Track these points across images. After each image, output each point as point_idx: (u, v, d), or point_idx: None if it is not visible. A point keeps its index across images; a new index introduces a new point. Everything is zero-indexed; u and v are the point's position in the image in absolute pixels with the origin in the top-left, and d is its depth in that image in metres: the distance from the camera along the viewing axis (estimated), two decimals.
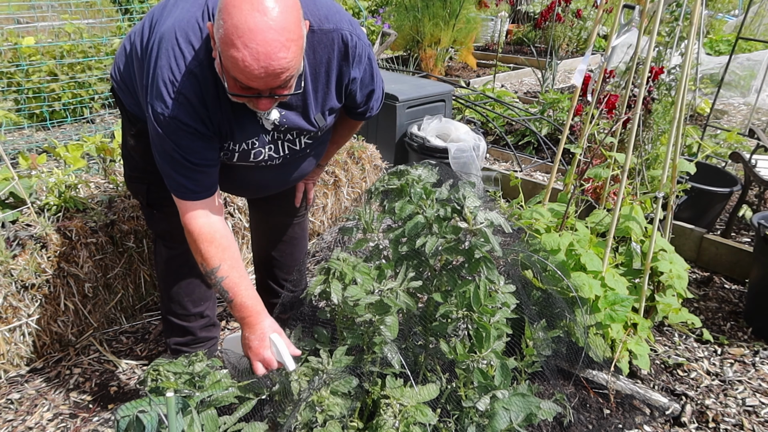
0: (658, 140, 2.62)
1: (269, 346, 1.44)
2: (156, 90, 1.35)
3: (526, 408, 1.29)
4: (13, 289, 2.00)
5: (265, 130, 1.52)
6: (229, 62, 1.21)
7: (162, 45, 1.36)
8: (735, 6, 9.10)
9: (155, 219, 1.83)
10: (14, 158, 3.24)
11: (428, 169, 1.57)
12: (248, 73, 1.21)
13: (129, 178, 1.83)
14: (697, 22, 1.97)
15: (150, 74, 1.37)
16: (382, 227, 1.57)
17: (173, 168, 1.42)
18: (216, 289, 1.48)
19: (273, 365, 1.43)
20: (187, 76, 1.34)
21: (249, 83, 1.24)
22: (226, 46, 1.19)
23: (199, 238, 1.46)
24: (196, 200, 1.46)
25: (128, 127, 1.72)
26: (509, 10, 9.18)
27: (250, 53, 1.18)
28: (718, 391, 2.08)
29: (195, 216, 1.47)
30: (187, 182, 1.44)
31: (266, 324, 1.47)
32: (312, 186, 2.05)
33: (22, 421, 1.90)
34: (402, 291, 1.40)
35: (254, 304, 1.48)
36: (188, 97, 1.34)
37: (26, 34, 4.42)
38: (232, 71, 1.23)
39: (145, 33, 1.49)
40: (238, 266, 1.49)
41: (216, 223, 1.49)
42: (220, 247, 1.47)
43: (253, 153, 1.55)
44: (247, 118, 1.47)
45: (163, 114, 1.35)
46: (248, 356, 1.47)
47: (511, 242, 1.85)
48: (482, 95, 5.14)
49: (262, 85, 1.25)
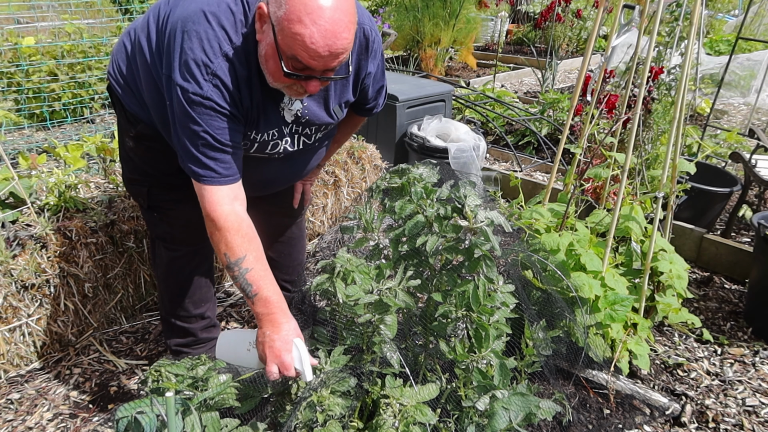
0: (658, 140, 2.62)
1: (291, 350, 1.37)
2: (187, 71, 1.32)
3: (526, 407, 1.29)
4: (13, 289, 2.00)
5: (285, 122, 1.53)
6: (292, 40, 1.22)
7: (190, 27, 1.34)
8: (735, 6, 9.10)
9: (156, 221, 1.80)
10: (14, 158, 3.24)
11: (429, 169, 1.57)
12: (313, 51, 1.23)
13: (128, 181, 1.79)
14: (697, 22, 1.97)
15: (177, 56, 1.34)
16: (382, 226, 1.57)
17: (202, 151, 1.38)
18: (238, 283, 1.41)
19: (291, 372, 1.36)
20: (221, 59, 1.33)
21: (309, 62, 1.25)
22: (292, 23, 1.21)
23: (225, 226, 1.40)
24: (223, 185, 1.42)
25: (127, 129, 1.68)
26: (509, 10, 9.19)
27: (318, 30, 1.20)
28: (718, 391, 2.08)
29: (219, 203, 1.41)
30: (216, 165, 1.40)
31: (292, 326, 1.41)
32: (309, 186, 2.06)
33: (22, 421, 1.90)
34: (401, 290, 1.40)
35: (279, 301, 1.42)
36: (222, 79, 1.33)
37: (26, 34, 4.42)
38: (294, 49, 1.24)
39: (152, 24, 1.48)
40: (263, 259, 1.44)
41: (241, 212, 1.44)
42: (246, 238, 1.42)
43: (271, 144, 1.55)
44: (272, 108, 1.47)
45: (196, 94, 1.33)
46: (264, 355, 1.39)
47: (511, 242, 1.85)
48: (482, 95, 5.14)
49: (322, 65, 1.26)
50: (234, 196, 1.44)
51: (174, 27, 1.37)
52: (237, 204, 1.44)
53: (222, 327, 2.40)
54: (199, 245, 1.84)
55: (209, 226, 1.43)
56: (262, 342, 1.40)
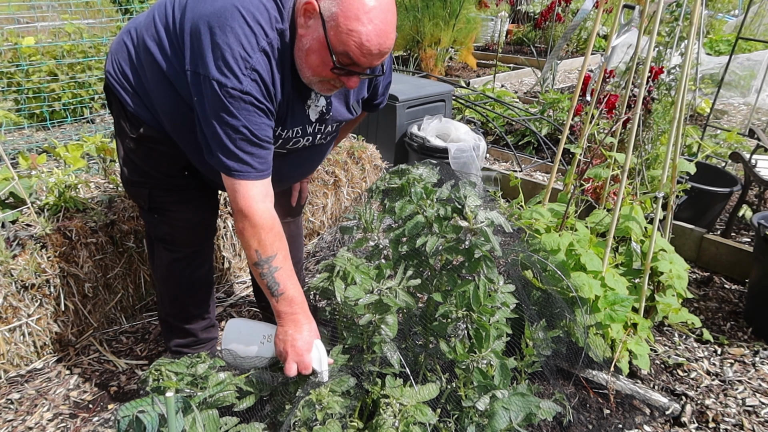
0: (658, 140, 2.62)
1: (311, 350, 1.40)
2: (225, 66, 1.32)
3: (526, 408, 1.29)
4: (13, 289, 2.00)
5: (309, 120, 1.55)
6: (347, 36, 1.26)
7: (223, 23, 1.34)
8: (735, 6, 9.10)
9: (156, 223, 1.79)
10: (14, 158, 3.24)
11: (429, 169, 1.57)
12: (366, 49, 1.27)
13: (128, 182, 1.76)
14: (697, 22, 1.97)
15: (210, 51, 1.34)
16: (382, 227, 1.57)
17: (239, 145, 1.38)
18: (264, 281, 1.42)
19: (308, 371, 1.39)
20: (260, 53, 1.34)
21: (360, 59, 1.29)
22: (349, 19, 1.25)
23: (260, 223, 1.40)
24: (257, 180, 1.42)
25: (128, 130, 1.65)
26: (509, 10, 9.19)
27: (374, 28, 1.25)
28: (718, 391, 2.08)
29: (255, 199, 1.41)
30: (253, 160, 1.40)
31: (313, 327, 1.44)
32: (306, 184, 2.08)
33: (22, 421, 1.90)
34: (401, 290, 1.40)
35: (303, 302, 1.44)
36: (261, 74, 1.35)
37: (26, 34, 4.42)
38: (347, 45, 1.27)
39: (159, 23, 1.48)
40: (290, 259, 1.46)
41: (272, 210, 1.46)
42: (278, 236, 1.43)
43: (293, 141, 1.58)
44: (299, 106, 1.50)
45: (235, 88, 1.33)
46: (285, 353, 1.41)
47: (511, 242, 1.85)
48: (482, 95, 5.14)
49: (369, 62, 1.31)
50: (266, 192, 1.45)
51: (197, 23, 1.37)
52: (269, 201, 1.46)
53: (222, 327, 2.40)
54: (200, 246, 1.84)
55: (241, 221, 1.42)
56: (283, 340, 1.42)
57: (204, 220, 1.81)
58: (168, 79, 1.48)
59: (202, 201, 1.79)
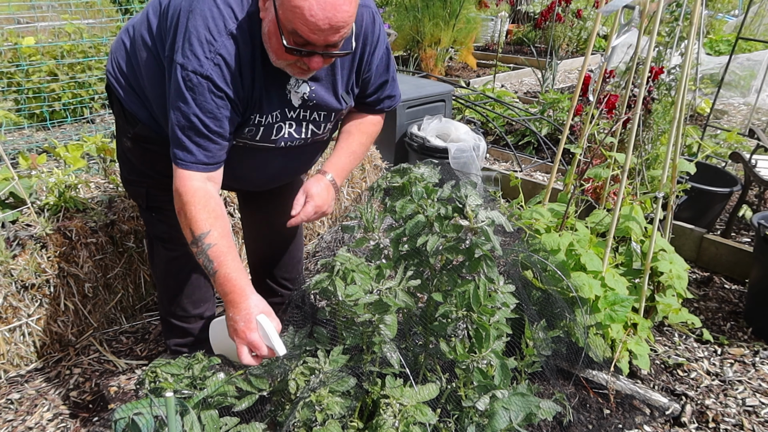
0: (658, 140, 2.62)
1: (256, 328, 1.30)
2: (190, 49, 1.31)
3: (526, 407, 1.29)
4: (13, 289, 2.00)
5: (291, 105, 1.51)
6: (292, 13, 1.21)
7: (195, 6, 1.32)
8: (735, 6, 9.10)
9: (155, 222, 1.79)
10: (14, 158, 3.23)
11: (430, 168, 1.57)
12: (312, 24, 1.21)
13: (127, 181, 1.78)
14: (697, 22, 1.97)
15: (182, 33, 1.33)
16: (383, 226, 1.56)
17: (188, 134, 1.36)
18: (200, 259, 1.37)
19: (262, 350, 1.30)
20: (226, 37, 1.32)
21: (310, 36, 1.24)
22: None
23: (191, 200, 1.36)
24: (199, 171, 1.40)
25: (125, 129, 1.66)
26: (509, 10, 9.19)
27: (317, 2, 1.19)
28: (718, 391, 2.08)
29: (190, 179, 1.38)
30: (199, 151, 1.37)
31: (252, 302, 1.33)
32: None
33: (22, 421, 1.90)
34: (401, 290, 1.40)
35: (238, 278, 1.35)
36: (225, 58, 1.32)
37: (26, 34, 4.42)
38: (294, 23, 1.23)
39: (153, 17, 1.47)
40: (228, 237, 1.39)
41: (212, 191, 1.41)
42: (213, 214, 1.38)
43: (275, 128, 1.53)
44: (276, 90, 1.46)
45: (195, 72, 1.31)
46: (233, 339, 1.34)
47: (511, 242, 1.85)
48: (482, 95, 5.14)
49: (322, 39, 1.25)
50: (208, 178, 1.41)
51: (178, 8, 1.36)
52: (210, 183, 1.42)
53: None
54: None
55: (177, 202, 1.39)
56: (231, 327, 1.35)
57: None
58: (161, 68, 1.48)
59: None
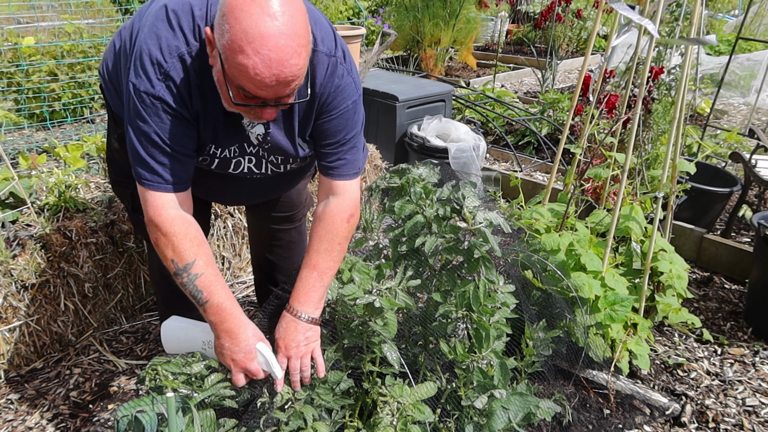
0: (658, 140, 2.62)
1: (255, 357, 1.33)
2: (142, 68, 1.26)
3: (525, 407, 1.29)
4: (13, 289, 2.00)
5: (250, 141, 1.45)
6: (236, 71, 1.13)
7: (151, 22, 1.28)
8: (735, 6, 9.10)
9: (142, 224, 1.74)
10: (14, 158, 3.24)
11: (429, 169, 1.57)
12: (258, 82, 1.13)
13: (114, 182, 1.76)
14: (697, 22, 1.97)
15: (136, 50, 1.29)
16: (382, 226, 1.56)
17: (150, 153, 1.31)
18: (187, 290, 1.32)
19: (259, 376, 1.33)
20: (176, 59, 1.26)
21: (257, 92, 1.16)
22: (234, 53, 1.11)
23: (171, 231, 1.31)
24: (168, 192, 1.34)
25: (113, 129, 1.64)
26: (509, 10, 9.18)
27: (261, 60, 1.10)
28: (718, 391, 2.08)
29: (164, 207, 1.32)
30: (164, 171, 1.32)
31: (250, 334, 1.33)
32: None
33: (22, 421, 1.90)
34: (401, 290, 1.40)
35: (232, 307, 1.33)
36: (175, 80, 1.27)
37: (26, 34, 4.42)
38: (239, 80, 1.15)
39: (136, 24, 1.44)
40: (213, 264, 1.36)
41: (188, 216, 1.36)
42: (195, 242, 1.33)
43: (233, 162, 1.47)
44: (231, 123, 1.39)
45: (148, 93, 1.26)
46: (228, 365, 1.34)
47: (511, 242, 1.85)
48: (482, 95, 5.14)
49: (272, 94, 1.17)
50: (180, 201, 1.36)
51: (142, 24, 1.33)
52: (184, 208, 1.36)
53: None
54: None
55: (153, 232, 1.34)
56: (222, 354, 1.34)
57: None
58: None
59: None
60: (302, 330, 1.39)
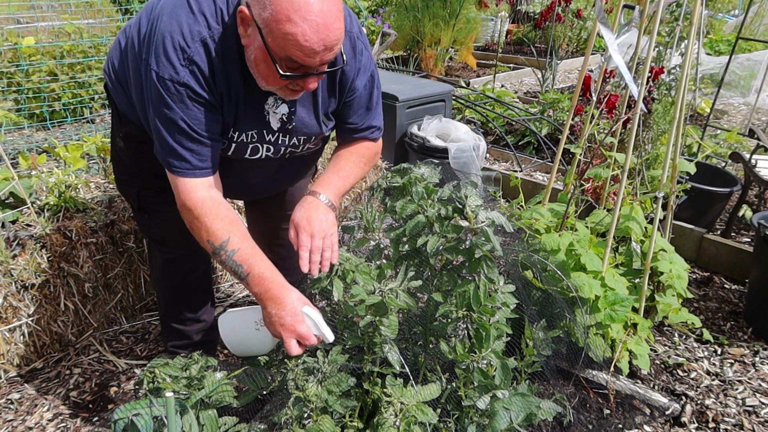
0: (658, 140, 2.62)
1: (304, 320, 1.32)
2: (164, 55, 1.28)
3: (527, 408, 1.29)
4: (13, 289, 2.00)
5: (270, 128, 1.47)
6: (284, 41, 1.18)
7: (171, 11, 1.30)
8: (735, 6, 9.10)
9: (147, 223, 1.77)
10: (14, 158, 3.24)
11: (431, 168, 1.57)
12: (308, 48, 1.18)
13: (119, 182, 1.76)
14: (697, 22, 1.97)
15: (155, 41, 1.30)
16: (383, 226, 1.56)
17: (178, 140, 1.33)
18: (227, 266, 1.36)
19: (311, 340, 1.32)
20: (199, 44, 1.28)
21: (305, 60, 1.21)
22: (280, 23, 1.16)
23: (202, 212, 1.34)
24: (197, 177, 1.37)
25: (118, 128, 1.64)
26: (509, 10, 9.19)
27: (309, 26, 1.16)
28: (718, 391, 2.08)
29: (194, 190, 1.36)
30: (192, 156, 1.35)
31: (294, 296, 1.35)
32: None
33: (22, 421, 1.90)
34: (402, 291, 1.40)
35: (274, 275, 1.35)
36: (199, 65, 1.29)
37: (26, 34, 4.42)
38: (287, 50, 1.19)
39: (144, 20, 1.44)
40: (249, 238, 1.39)
41: (217, 197, 1.39)
42: (227, 220, 1.36)
43: (250, 148, 1.50)
44: (252, 108, 1.43)
45: (172, 80, 1.28)
46: (278, 334, 1.34)
47: (512, 242, 1.85)
48: (482, 95, 5.14)
49: (318, 60, 1.22)
50: (209, 184, 1.39)
51: (158, 14, 1.34)
52: (214, 190, 1.40)
53: None
54: (194, 247, 1.82)
55: (186, 216, 1.38)
56: (271, 322, 1.35)
57: None
58: (140, 73, 1.44)
59: None
60: (323, 210, 1.45)
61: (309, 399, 1.26)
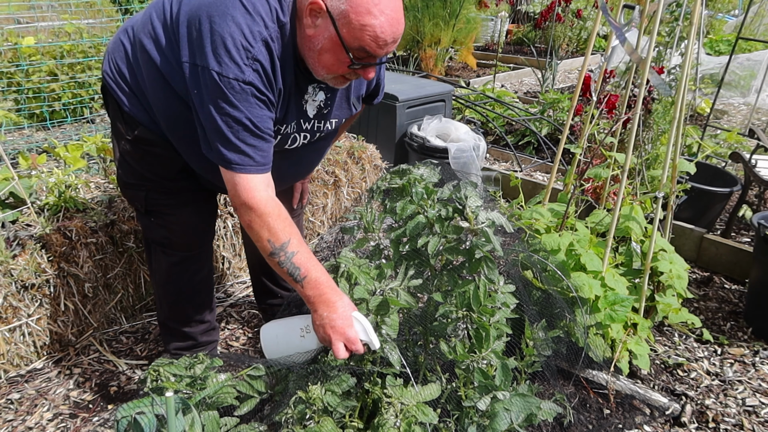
0: (658, 140, 2.62)
1: (353, 324, 1.35)
2: (227, 55, 1.30)
3: (527, 408, 1.29)
4: (13, 289, 2.00)
5: (306, 116, 1.54)
6: (361, 32, 1.26)
7: (223, 11, 1.32)
8: (735, 6, 9.10)
9: (153, 226, 1.76)
10: (14, 158, 3.24)
11: (430, 169, 1.57)
12: (382, 40, 1.28)
13: (125, 185, 1.73)
14: (697, 22, 1.97)
15: (210, 42, 1.32)
16: (383, 227, 1.56)
17: (241, 138, 1.35)
18: (284, 268, 1.38)
19: (358, 345, 1.34)
20: (261, 44, 1.33)
21: (377, 50, 1.30)
22: (360, 15, 1.25)
23: (266, 211, 1.36)
24: (257, 174, 1.39)
25: (124, 131, 1.61)
26: (509, 10, 9.19)
27: (386, 19, 1.26)
28: (718, 391, 2.08)
29: (256, 189, 1.38)
30: (254, 152, 1.37)
31: (345, 301, 1.37)
32: (307, 185, 2.07)
33: (22, 421, 1.90)
34: (402, 291, 1.40)
35: (328, 280, 1.39)
36: (263, 63, 1.33)
37: (26, 34, 4.42)
38: (362, 40, 1.28)
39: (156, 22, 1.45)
40: (304, 242, 1.42)
41: (276, 197, 1.42)
42: (287, 221, 1.39)
43: (291, 138, 1.57)
44: (295, 101, 1.49)
45: (237, 79, 1.30)
46: (328, 337, 1.36)
47: (512, 242, 1.85)
48: (482, 95, 5.14)
49: (385, 51, 1.32)
50: (267, 182, 1.42)
51: (196, 13, 1.35)
52: (271, 190, 1.42)
53: (222, 327, 2.40)
54: (198, 250, 1.82)
55: (247, 214, 1.39)
56: (321, 325, 1.37)
57: (202, 223, 1.80)
58: (163, 75, 1.46)
59: (200, 204, 1.76)
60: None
61: (312, 401, 1.26)
